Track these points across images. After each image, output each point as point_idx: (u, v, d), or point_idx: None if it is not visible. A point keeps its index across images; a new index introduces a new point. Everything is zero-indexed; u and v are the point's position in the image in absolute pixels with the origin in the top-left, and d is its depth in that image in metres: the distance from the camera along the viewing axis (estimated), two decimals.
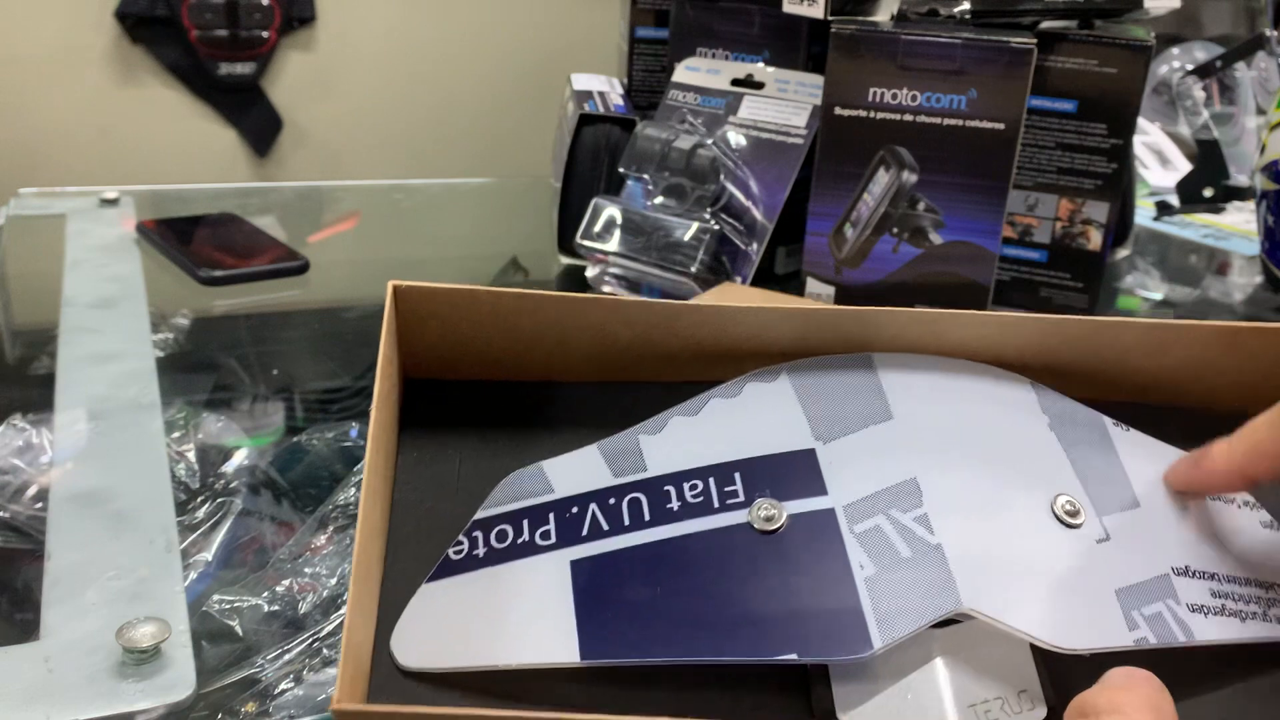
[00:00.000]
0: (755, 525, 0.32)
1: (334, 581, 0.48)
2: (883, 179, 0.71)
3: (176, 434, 0.59)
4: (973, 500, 0.33)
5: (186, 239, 0.89)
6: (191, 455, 0.57)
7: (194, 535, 0.51)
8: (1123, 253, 0.98)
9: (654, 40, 0.94)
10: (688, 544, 0.32)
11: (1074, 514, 0.33)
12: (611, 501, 0.33)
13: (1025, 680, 0.31)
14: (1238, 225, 1.13)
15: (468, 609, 0.32)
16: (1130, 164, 0.85)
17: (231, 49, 1.68)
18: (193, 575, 0.48)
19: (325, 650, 0.44)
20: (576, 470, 0.35)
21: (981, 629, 0.31)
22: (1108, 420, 0.37)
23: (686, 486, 0.34)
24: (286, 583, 0.48)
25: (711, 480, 0.34)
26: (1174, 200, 1.10)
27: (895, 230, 0.71)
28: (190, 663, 0.42)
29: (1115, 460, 0.36)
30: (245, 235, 0.92)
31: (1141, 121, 1.13)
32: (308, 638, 0.45)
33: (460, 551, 0.33)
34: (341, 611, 0.46)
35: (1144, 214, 1.09)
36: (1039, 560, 0.32)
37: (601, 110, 0.86)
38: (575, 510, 0.33)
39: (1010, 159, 0.68)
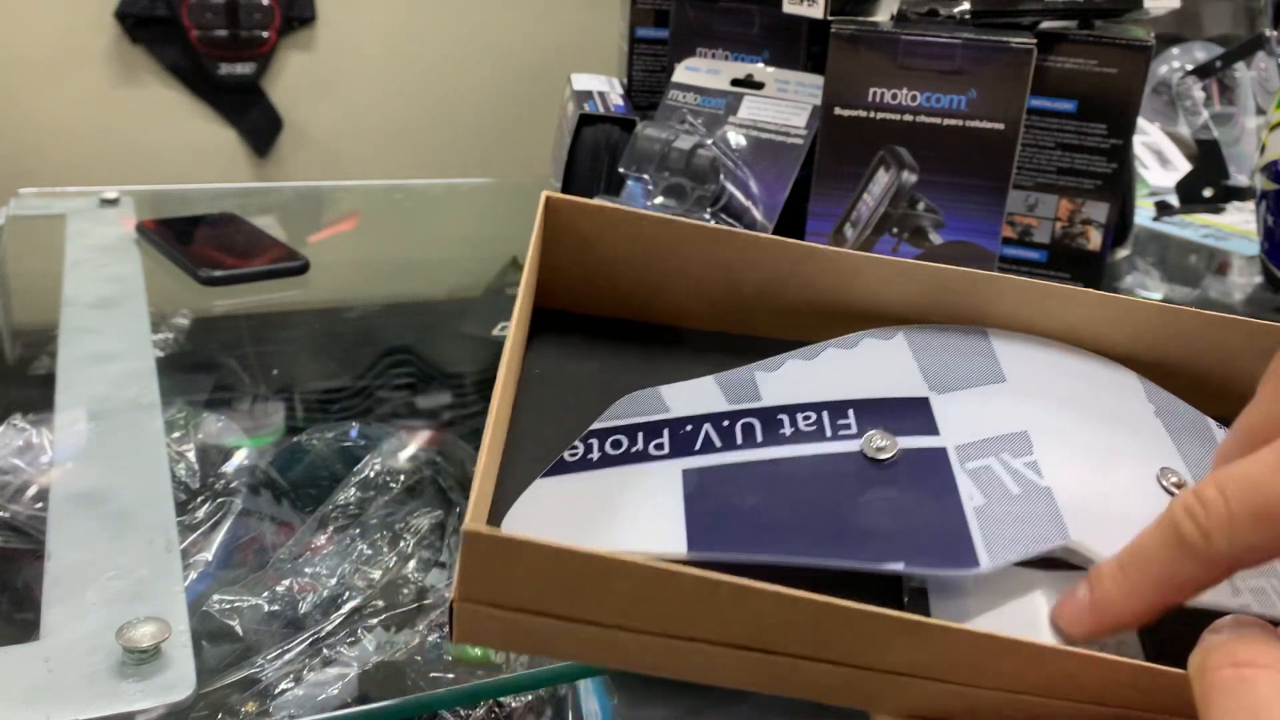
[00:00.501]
0: (867, 453, 0.33)
1: (334, 581, 0.48)
2: (882, 179, 0.71)
3: (176, 434, 0.59)
4: (1082, 457, 0.33)
5: (186, 239, 0.89)
6: (192, 455, 0.57)
7: (194, 535, 0.51)
8: (1122, 253, 0.98)
9: (654, 40, 0.94)
10: (799, 464, 0.33)
11: (1180, 485, 0.33)
12: (725, 423, 0.34)
13: (1122, 634, 0.31)
14: (1237, 225, 1.13)
15: (579, 503, 0.32)
16: (1130, 164, 0.85)
17: (231, 49, 1.68)
18: (193, 575, 0.48)
19: (325, 650, 0.44)
20: (692, 395, 0.36)
21: (1084, 563, 0.31)
22: (1211, 420, 0.38)
23: (800, 416, 0.34)
24: (286, 583, 0.48)
25: (825, 413, 0.34)
26: (1174, 200, 1.10)
27: (895, 230, 0.71)
28: (190, 663, 0.42)
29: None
30: (245, 235, 0.92)
31: (1141, 121, 1.13)
32: (308, 638, 0.45)
33: (575, 455, 0.34)
34: (342, 611, 0.46)
35: (1144, 214, 1.09)
36: (1146, 518, 0.31)
37: (601, 110, 0.86)
38: (689, 428, 0.34)
39: (1010, 159, 0.68)
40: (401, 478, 0.56)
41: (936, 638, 0.26)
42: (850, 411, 0.34)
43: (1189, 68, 1.22)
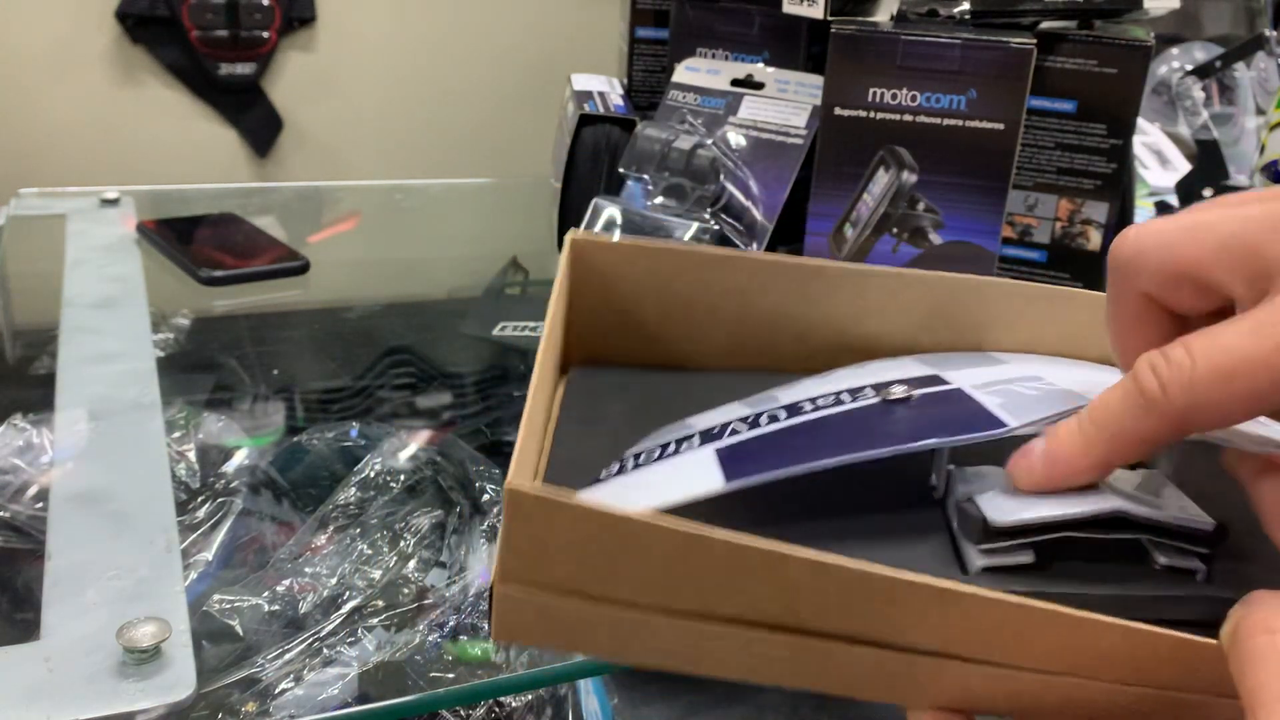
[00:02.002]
0: (887, 399, 0.34)
1: (334, 581, 0.48)
2: (882, 179, 0.71)
3: (177, 434, 0.59)
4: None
5: (187, 239, 0.89)
6: (192, 455, 0.57)
7: (194, 535, 0.51)
8: None
9: (654, 40, 0.94)
10: (822, 421, 0.34)
11: None
12: (749, 417, 0.35)
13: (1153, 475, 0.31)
14: None
15: (617, 491, 0.33)
16: (1130, 164, 0.85)
17: (232, 49, 1.68)
18: (193, 575, 0.48)
19: (325, 650, 0.44)
20: (718, 415, 0.37)
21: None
22: None
23: (820, 399, 0.35)
24: (287, 582, 0.48)
25: (844, 392, 0.35)
26: (1174, 200, 1.10)
27: (895, 230, 0.71)
28: (190, 662, 0.42)
29: None
30: (245, 235, 0.92)
31: (1141, 122, 1.13)
32: (308, 637, 0.45)
33: (610, 472, 0.35)
34: (342, 611, 0.46)
35: (1144, 214, 1.09)
36: None
37: (601, 110, 0.86)
38: (718, 429, 0.35)
39: (1010, 159, 0.68)
40: (401, 478, 0.56)
41: (967, 603, 0.26)
42: (868, 389, 0.35)
43: (1189, 68, 1.22)
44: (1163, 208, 1.10)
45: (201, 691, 0.41)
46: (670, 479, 0.32)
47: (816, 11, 0.74)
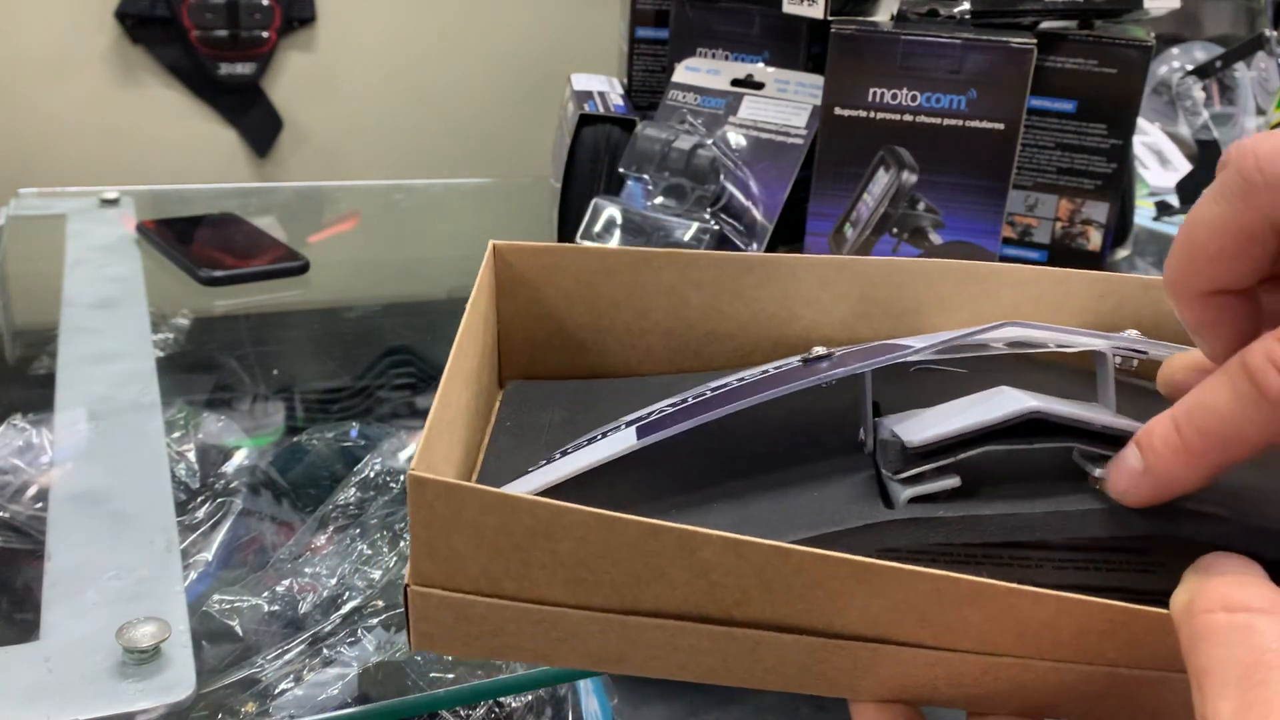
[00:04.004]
0: (806, 359, 0.33)
1: (334, 581, 0.48)
2: (882, 179, 0.71)
3: (177, 434, 0.59)
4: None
5: (187, 239, 0.89)
6: (192, 455, 0.57)
7: (194, 535, 0.51)
8: (1123, 253, 0.98)
9: (654, 40, 0.94)
10: (743, 384, 0.33)
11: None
12: (678, 400, 0.35)
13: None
14: None
15: (538, 473, 0.33)
16: (1130, 164, 0.85)
17: (232, 49, 1.68)
18: (193, 575, 0.48)
19: (325, 650, 0.44)
20: (650, 408, 0.36)
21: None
22: None
23: (746, 373, 0.34)
24: (286, 583, 0.48)
25: (769, 367, 0.34)
26: (1174, 200, 1.10)
27: (895, 230, 0.71)
28: (190, 663, 0.42)
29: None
30: (245, 235, 0.92)
31: (1141, 122, 1.13)
32: (308, 638, 0.45)
33: (536, 467, 0.34)
34: (342, 611, 0.46)
35: (1144, 214, 1.09)
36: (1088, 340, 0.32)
37: (601, 110, 0.86)
38: (644, 414, 0.35)
39: (1010, 159, 0.68)
40: (401, 478, 0.56)
41: (889, 577, 0.25)
42: (795, 359, 0.34)
43: (1189, 68, 1.22)
44: (1163, 208, 1.10)
45: (201, 692, 0.41)
46: (588, 453, 0.32)
47: (816, 11, 0.74)
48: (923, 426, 0.29)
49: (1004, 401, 0.29)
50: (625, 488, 0.31)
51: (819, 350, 0.33)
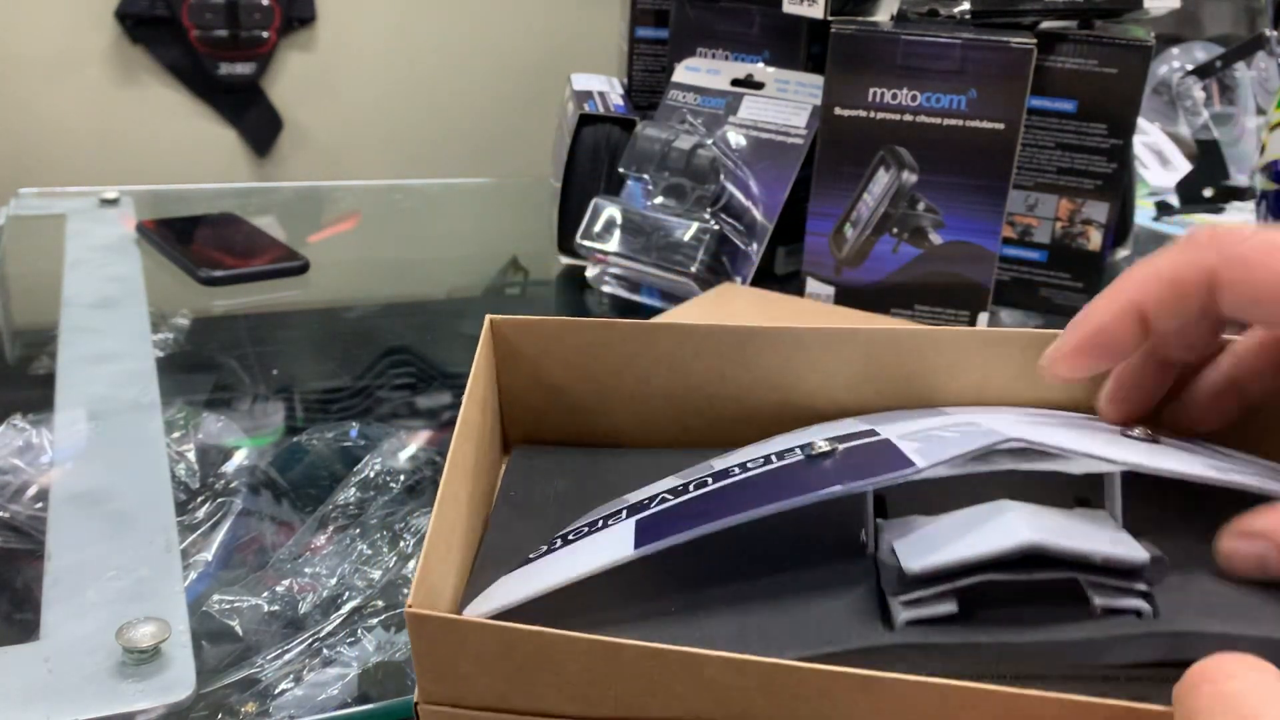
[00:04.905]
0: (809, 455, 0.32)
1: (334, 581, 0.48)
2: (882, 179, 0.71)
3: (176, 434, 0.59)
4: (1026, 423, 0.33)
5: (186, 239, 0.89)
6: (191, 455, 0.57)
7: (194, 535, 0.51)
8: (1123, 253, 0.98)
9: (654, 40, 0.94)
10: (747, 481, 0.33)
11: (1151, 439, 0.33)
12: (678, 486, 0.34)
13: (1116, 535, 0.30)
14: (1237, 225, 1.13)
15: (535, 575, 0.32)
16: (1130, 164, 0.85)
17: (232, 49, 1.68)
18: (193, 575, 0.48)
19: (325, 650, 0.44)
20: (650, 489, 0.36)
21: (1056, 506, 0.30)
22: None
23: (749, 463, 0.34)
24: (286, 583, 0.48)
25: (773, 454, 0.34)
26: (1174, 200, 1.10)
27: (895, 230, 0.71)
28: (190, 663, 0.42)
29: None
30: (245, 235, 0.92)
31: (1141, 122, 1.13)
32: (308, 638, 0.45)
33: (539, 554, 0.34)
34: (342, 611, 0.46)
35: (1144, 214, 1.09)
36: (1100, 449, 0.31)
37: (601, 110, 0.86)
38: (646, 500, 0.34)
39: (1010, 159, 0.68)
40: (401, 478, 0.56)
41: (894, 689, 0.25)
42: (795, 449, 0.34)
43: (1189, 68, 1.22)
44: (1163, 208, 1.10)
45: (201, 692, 0.41)
46: (584, 554, 0.32)
47: (816, 11, 0.74)
48: (922, 548, 0.29)
49: (1005, 528, 0.28)
50: (625, 584, 0.31)
51: (822, 446, 0.32)
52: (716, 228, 0.76)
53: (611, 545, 0.31)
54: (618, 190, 0.83)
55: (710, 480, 0.34)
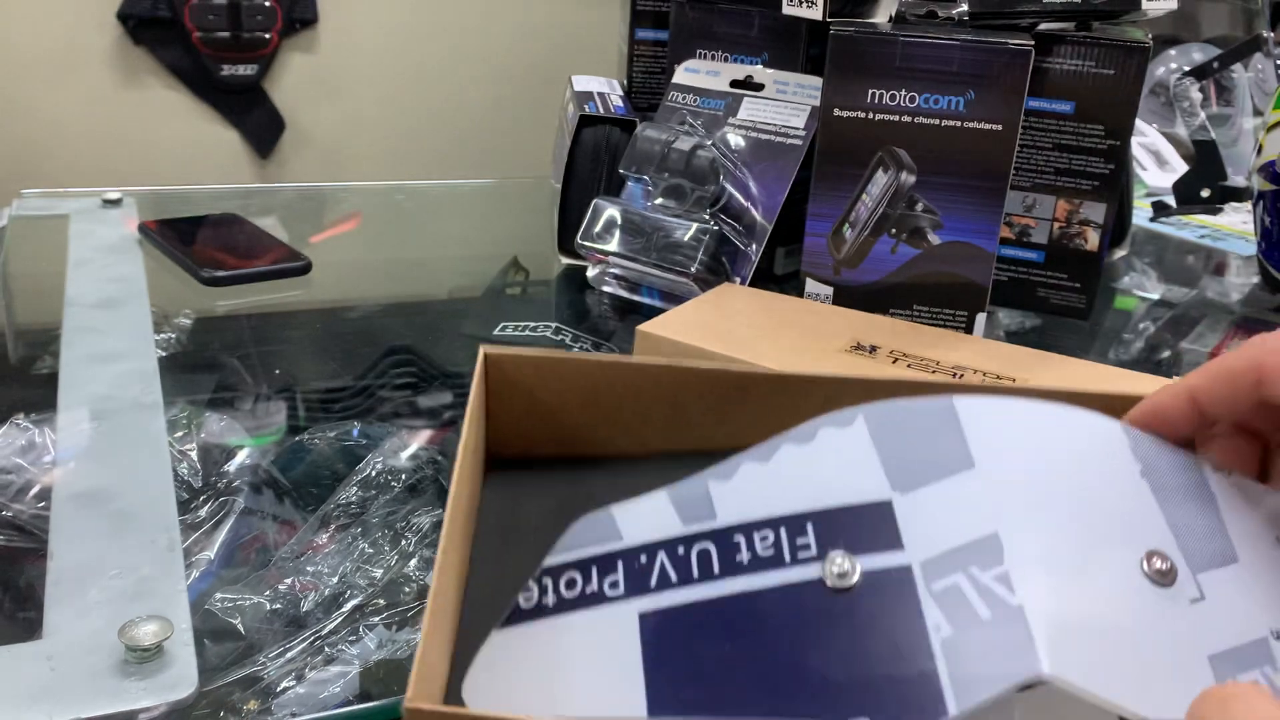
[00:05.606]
0: (828, 582, 0.31)
1: (335, 580, 0.48)
2: (881, 180, 0.71)
3: (179, 433, 0.59)
4: (1057, 558, 0.31)
5: (189, 239, 0.89)
6: (194, 454, 0.58)
7: (196, 534, 0.51)
8: (1120, 253, 0.98)
9: (654, 42, 0.95)
10: (758, 600, 0.31)
11: (1165, 573, 0.31)
12: (680, 551, 0.33)
13: None
14: (1234, 226, 1.14)
15: (537, 659, 0.32)
16: (1128, 165, 0.85)
17: (234, 50, 1.68)
18: (195, 574, 0.48)
19: (327, 649, 0.44)
20: (645, 517, 0.34)
21: (1065, 696, 0.28)
22: (1207, 466, 0.35)
23: (757, 537, 0.33)
24: (288, 581, 0.48)
25: (783, 530, 0.32)
26: (1171, 201, 1.10)
27: (894, 231, 0.72)
28: (192, 661, 0.42)
29: (1213, 510, 0.33)
30: (247, 236, 0.93)
31: (1139, 123, 1.14)
32: (310, 636, 0.45)
33: (530, 599, 0.33)
34: (344, 610, 0.47)
35: (1141, 215, 1.09)
36: (1127, 623, 0.30)
37: (601, 111, 0.86)
38: (644, 559, 0.33)
39: (1008, 160, 0.69)
40: (403, 477, 0.57)
41: None
42: (809, 527, 0.32)
43: (1186, 69, 1.23)
44: (1160, 208, 1.10)
45: (203, 690, 0.41)
46: (593, 680, 0.31)
47: (816, 13, 0.75)
48: None
49: None
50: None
51: (839, 565, 0.31)
52: (716, 228, 0.77)
53: (617, 674, 0.30)
54: (618, 191, 0.83)
55: (714, 551, 0.32)
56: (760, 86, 0.82)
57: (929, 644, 0.29)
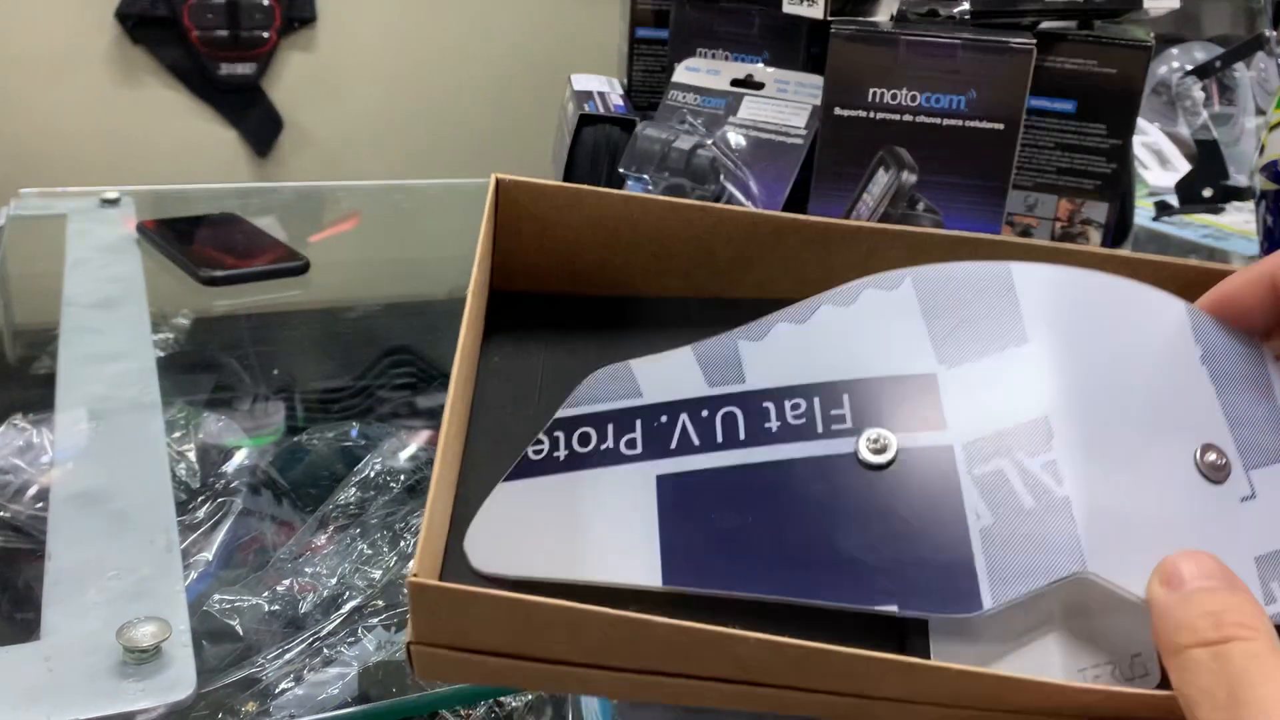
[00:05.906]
0: (861, 457, 0.29)
1: (334, 581, 0.48)
2: (882, 179, 0.71)
3: (177, 434, 0.59)
4: (1107, 447, 0.29)
5: (187, 239, 0.89)
6: (192, 455, 0.57)
7: (194, 535, 0.51)
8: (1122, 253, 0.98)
9: (654, 40, 0.94)
10: (785, 471, 0.29)
11: (1218, 468, 0.29)
12: (704, 414, 0.30)
13: (1141, 644, 0.27)
14: (1237, 225, 1.13)
15: (546, 515, 0.29)
16: (1130, 164, 0.85)
17: (232, 49, 1.68)
18: (193, 575, 0.48)
19: (325, 650, 0.44)
20: (668, 374, 0.31)
21: (1102, 589, 0.27)
22: (1269, 354, 0.32)
23: (788, 405, 0.30)
24: (287, 582, 0.48)
25: (816, 400, 0.30)
26: (1173, 200, 1.10)
27: None
28: (191, 662, 0.42)
29: (1271, 403, 0.31)
30: (246, 235, 0.92)
31: (1141, 122, 1.13)
32: (308, 637, 0.45)
33: (540, 451, 0.30)
34: (343, 611, 0.46)
35: (1143, 214, 1.09)
36: (1174, 519, 0.28)
37: (601, 110, 0.86)
38: (664, 419, 0.30)
39: (1009, 159, 0.68)
40: (402, 477, 0.56)
41: (931, 676, 0.25)
42: (845, 398, 0.30)
43: (1188, 68, 1.23)
44: (1163, 208, 1.10)
45: (201, 691, 0.41)
46: (606, 543, 0.28)
47: (816, 11, 0.75)
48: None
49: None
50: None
51: (877, 444, 0.29)
52: None
53: (633, 539, 0.28)
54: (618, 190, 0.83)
55: (740, 416, 0.30)
56: (761, 85, 0.82)
57: (967, 532, 0.27)
